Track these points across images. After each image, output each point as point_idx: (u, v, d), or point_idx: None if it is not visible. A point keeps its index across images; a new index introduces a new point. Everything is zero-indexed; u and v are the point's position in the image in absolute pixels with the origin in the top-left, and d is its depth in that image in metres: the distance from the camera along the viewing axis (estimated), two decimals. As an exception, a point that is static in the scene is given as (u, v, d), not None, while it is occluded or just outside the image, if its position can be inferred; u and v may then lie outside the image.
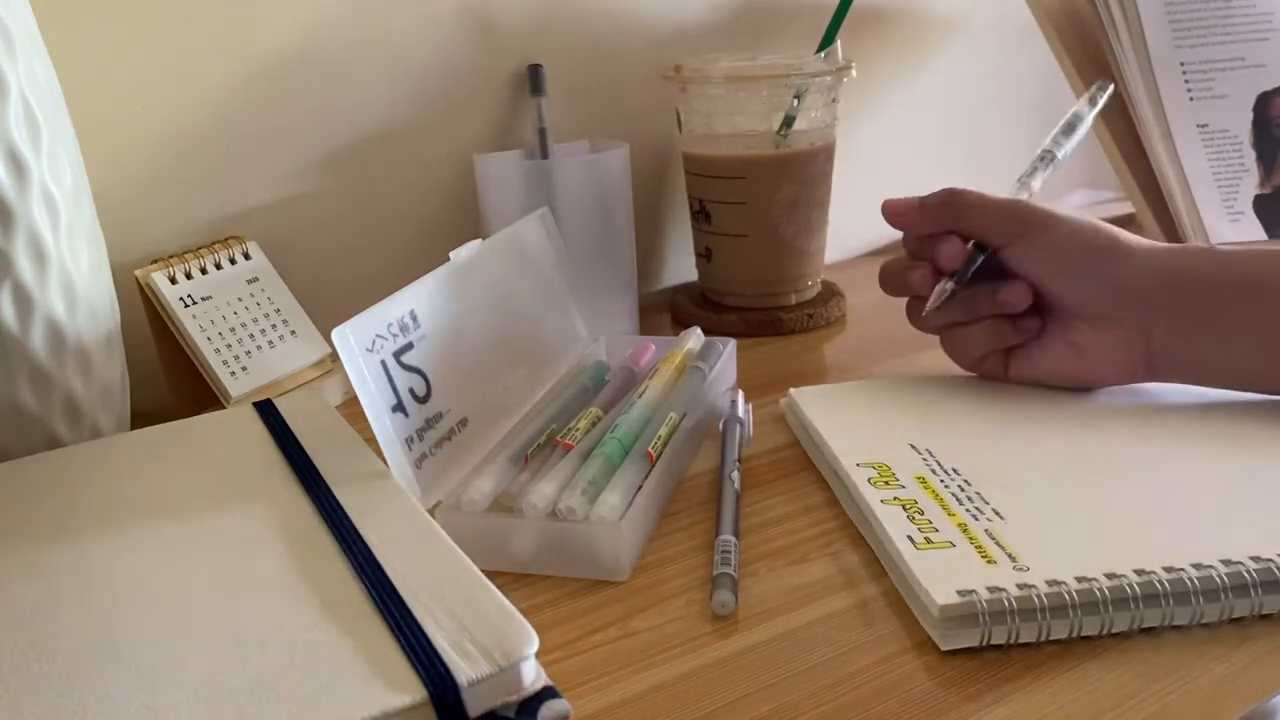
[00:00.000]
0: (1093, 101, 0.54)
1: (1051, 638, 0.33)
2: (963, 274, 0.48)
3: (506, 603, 0.29)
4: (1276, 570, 0.34)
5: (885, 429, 0.47)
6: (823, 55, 0.65)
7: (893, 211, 0.50)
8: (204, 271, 0.55)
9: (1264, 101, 0.67)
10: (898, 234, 0.51)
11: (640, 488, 0.41)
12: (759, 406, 0.54)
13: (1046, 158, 0.52)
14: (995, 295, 0.48)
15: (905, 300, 0.52)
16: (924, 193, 0.50)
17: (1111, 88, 0.54)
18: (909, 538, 0.37)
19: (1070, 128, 0.53)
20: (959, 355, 0.51)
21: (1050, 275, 0.47)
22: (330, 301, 0.59)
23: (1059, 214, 0.47)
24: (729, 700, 0.32)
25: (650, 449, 0.43)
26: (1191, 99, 0.67)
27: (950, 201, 0.48)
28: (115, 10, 0.54)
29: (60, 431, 0.45)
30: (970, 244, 0.48)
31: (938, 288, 0.48)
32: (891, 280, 0.51)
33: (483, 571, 0.31)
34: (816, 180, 0.66)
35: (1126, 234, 0.46)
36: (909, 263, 0.50)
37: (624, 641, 0.35)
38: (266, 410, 0.45)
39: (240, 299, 0.56)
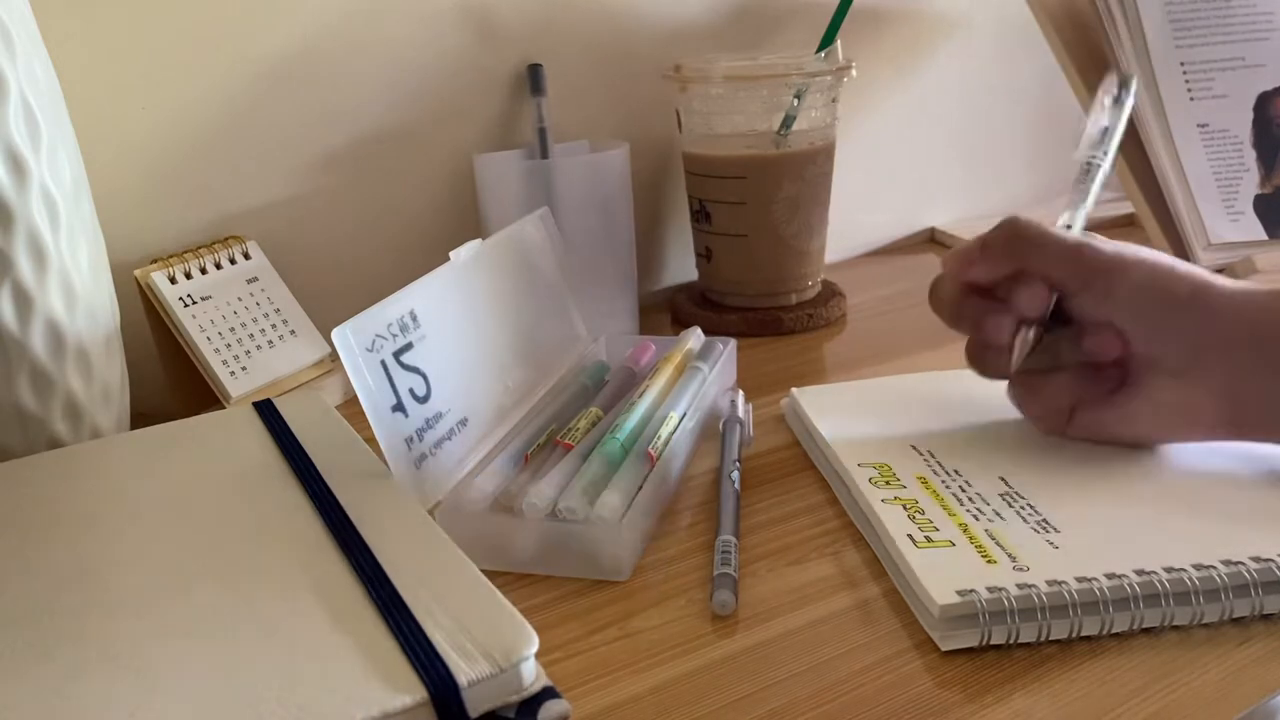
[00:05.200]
0: (1118, 102, 0.47)
1: (1051, 638, 0.33)
2: (1043, 320, 0.43)
3: (506, 603, 0.29)
4: (1277, 570, 0.34)
5: (886, 429, 0.47)
6: (823, 55, 0.65)
7: (960, 263, 0.44)
8: (204, 271, 0.55)
9: (1264, 101, 0.67)
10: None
11: (640, 488, 0.41)
12: (759, 406, 0.54)
13: (1092, 169, 0.46)
14: (1080, 343, 0.42)
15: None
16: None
17: (1135, 81, 0.48)
18: (909, 536, 0.37)
19: (1103, 136, 0.47)
20: (1034, 404, 0.45)
21: (1122, 327, 0.41)
22: (330, 301, 0.59)
23: (1130, 257, 0.41)
24: (729, 700, 0.32)
25: (651, 449, 0.43)
26: (1191, 99, 0.67)
27: (1014, 240, 0.42)
28: (115, 10, 0.54)
29: (60, 431, 0.45)
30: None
31: (1020, 337, 0.43)
32: (950, 312, 0.45)
33: (483, 571, 0.31)
34: (816, 180, 0.66)
35: (1208, 276, 0.41)
36: (987, 305, 0.43)
37: (624, 641, 0.35)
38: (266, 410, 0.45)
39: (240, 299, 0.56)
